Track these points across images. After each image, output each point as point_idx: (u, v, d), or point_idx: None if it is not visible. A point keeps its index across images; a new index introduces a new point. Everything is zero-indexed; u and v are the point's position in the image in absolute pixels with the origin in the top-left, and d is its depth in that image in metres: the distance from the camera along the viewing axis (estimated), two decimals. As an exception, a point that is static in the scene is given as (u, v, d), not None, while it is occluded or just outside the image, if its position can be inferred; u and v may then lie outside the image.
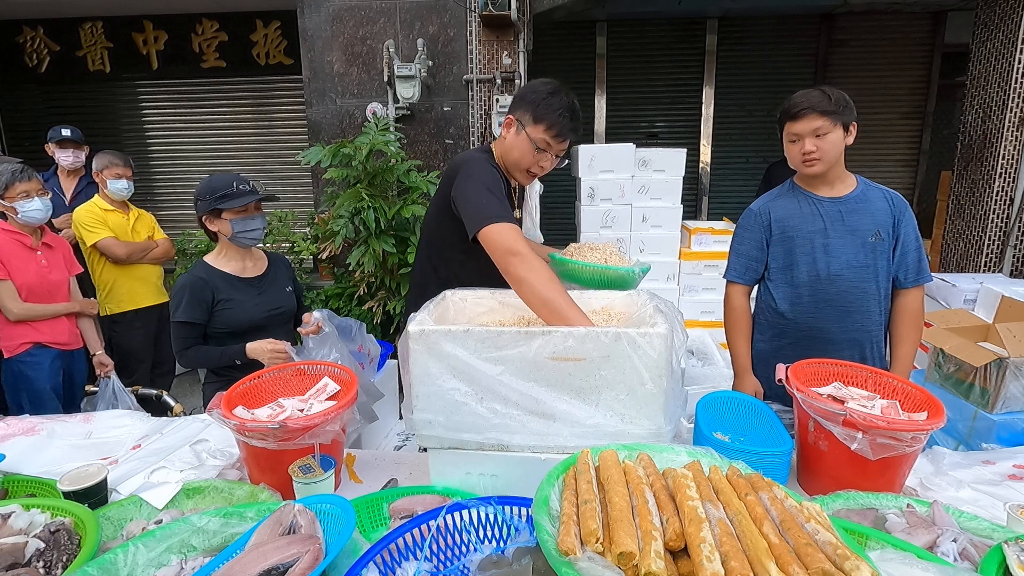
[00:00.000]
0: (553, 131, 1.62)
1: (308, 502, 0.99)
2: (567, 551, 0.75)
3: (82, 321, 2.65)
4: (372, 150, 3.40)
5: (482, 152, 1.78)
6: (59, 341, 2.54)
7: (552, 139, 1.63)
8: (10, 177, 2.36)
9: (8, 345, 2.44)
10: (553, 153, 1.67)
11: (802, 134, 1.66)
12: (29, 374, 2.46)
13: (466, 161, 1.67)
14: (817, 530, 0.77)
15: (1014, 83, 3.67)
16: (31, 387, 2.48)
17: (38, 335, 2.47)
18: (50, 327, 2.51)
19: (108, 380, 2.53)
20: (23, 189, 2.38)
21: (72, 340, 2.60)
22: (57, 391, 2.56)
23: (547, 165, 1.70)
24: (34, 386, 2.48)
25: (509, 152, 1.71)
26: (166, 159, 5.66)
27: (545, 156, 1.67)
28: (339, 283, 3.95)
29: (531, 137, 1.64)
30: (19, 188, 2.37)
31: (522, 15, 3.90)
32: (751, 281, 1.88)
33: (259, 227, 1.95)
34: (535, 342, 1.11)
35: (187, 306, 1.85)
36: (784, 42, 5.71)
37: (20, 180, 2.37)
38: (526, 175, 1.74)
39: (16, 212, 2.38)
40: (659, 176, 3.73)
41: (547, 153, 1.66)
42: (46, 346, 2.50)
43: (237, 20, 5.17)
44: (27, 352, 2.46)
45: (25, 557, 0.96)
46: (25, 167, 2.43)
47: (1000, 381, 2.29)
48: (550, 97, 1.61)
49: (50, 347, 2.51)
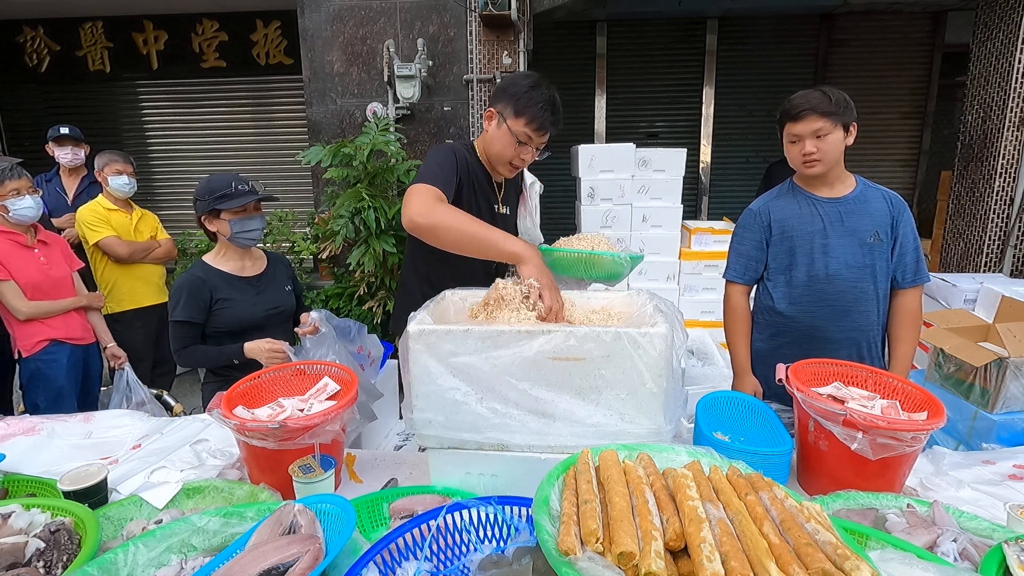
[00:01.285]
0: (534, 124, 1.63)
1: (308, 502, 0.99)
2: (567, 551, 0.75)
3: (91, 315, 2.66)
4: (372, 150, 3.40)
5: (459, 144, 1.81)
6: (74, 336, 2.54)
7: (533, 132, 1.65)
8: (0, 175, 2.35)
9: (25, 344, 2.44)
10: (534, 146, 1.68)
11: (802, 135, 1.67)
12: (47, 372, 2.46)
13: (431, 149, 1.73)
14: (817, 530, 0.77)
15: (1014, 83, 3.67)
16: (50, 384, 2.48)
17: (53, 332, 2.47)
18: (64, 323, 2.51)
19: (122, 372, 2.53)
20: (13, 187, 2.36)
21: (86, 334, 2.61)
22: (75, 387, 2.57)
23: (528, 158, 1.71)
24: (53, 383, 2.48)
25: (491, 145, 1.72)
26: (166, 159, 5.66)
27: (526, 149, 1.68)
28: (339, 283, 3.96)
29: (512, 130, 1.65)
30: (9, 186, 2.35)
31: (522, 15, 3.90)
32: (751, 281, 1.89)
33: (257, 227, 1.94)
34: (535, 342, 1.11)
35: (185, 305, 1.85)
36: (784, 42, 5.71)
37: (10, 178, 2.36)
38: (508, 167, 1.74)
39: (7, 211, 2.37)
40: (659, 176, 3.73)
41: (528, 146, 1.67)
42: (62, 342, 2.50)
43: (237, 20, 5.17)
44: (44, 350, 2.46)
45: (25, 557, 0.96)
46: (15, 165, 2.42)
47: (1000, 381, 2.29)
48: (531, 91, 1.62)
49: (66, 343, 2.51)
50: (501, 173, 1.80)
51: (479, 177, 1.77)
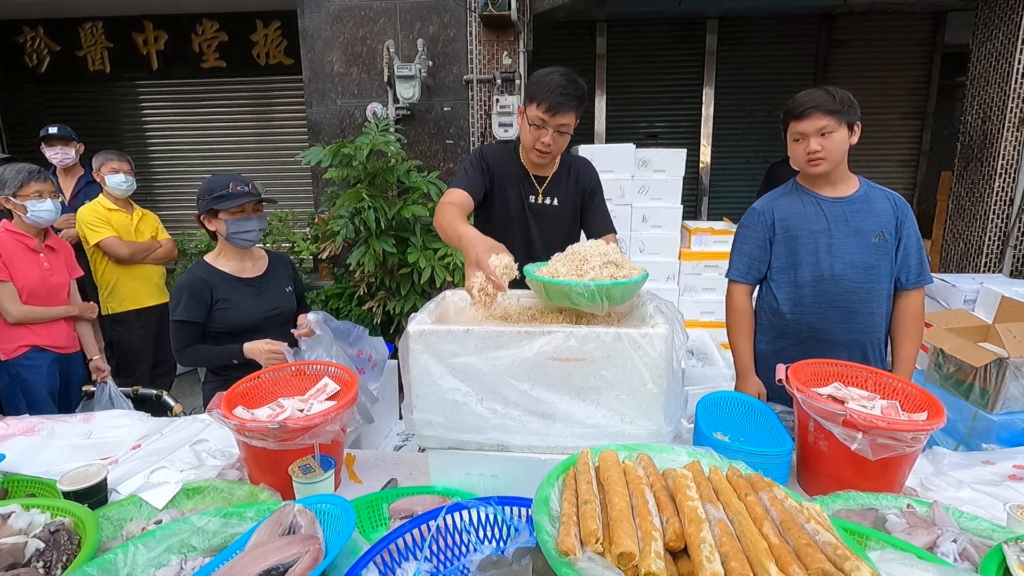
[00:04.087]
0: (544, 106, 1.70)
1: (308, 502, 0.99)
2: (567, 551, 0.75)
3: (80, 325, 2.65)
4: (372, 150, 3.40)
5: (502, 143, 2.05)
6: (56, 344, 2.53)
7: (544, 114, 1.71)
8: (27, 176, 2.41)
9: (5, 348, 2.43)
10: (551, 128, 1.74)
11: (807, 133, 1.66)
12: (26, 377, 2.46)
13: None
14: (817, 530, 0.77)
15: (1014, 83, 3.67)
16: (28, 390, 2.47)
17: (35, 338, 2.47)
18: (47, 330, 2.50)
19: (104, 385, 2.53)
20: (37, 189, 2.41)
21: (70, 343, 2.59)
22: (53, 394, 2.55)
23: (548, 140, 1.76)
24: (31, 389, 2.47)
25: (522, 139, 1.86)
26: (166, 159, 5.66)
27: (543, 132, 1.75)
28: (339, 283, 3.96)
29: (528, 117, 1.76)
30: (34, 187, 2.40)
31: (522, 15, 3.90)
32: (754, 280, 1.87)
33: (254, 228, 1.94)
34: (535, 342, 1.11)
35: (186, 305, 1.86)
36: (784, 42, 5.71)
37: (36, 180, 2.42)
38: (535, 154, 1.82)
39: (26, 211, 2.39)
40: (659, 176, 3.73)
41: (545, 129, 1.74)
42: (43, 349, 2.49)
43: (237, 20, 5.17)
44: (24, 355, 2.45)
45: (25, 557, 0.96)
46: (42, 169, 2.48)
47: (1000, 381, 2.29)
48: (543, 78, 1.71)
49: (47, 350, 2.50)
50: (533, 162, 1.89)
51: (511, 170, 1.91)
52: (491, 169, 1.88)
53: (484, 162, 1.87)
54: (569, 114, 1.72)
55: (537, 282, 1.30)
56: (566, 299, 1.24)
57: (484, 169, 1.86)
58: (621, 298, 1.26)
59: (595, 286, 1.18)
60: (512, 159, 1.92)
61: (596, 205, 2.01)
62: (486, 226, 1.92)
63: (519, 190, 1.91)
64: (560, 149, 1.82)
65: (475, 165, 1.86)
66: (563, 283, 1.22)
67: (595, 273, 1.26)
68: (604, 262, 1.29)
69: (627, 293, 1.27)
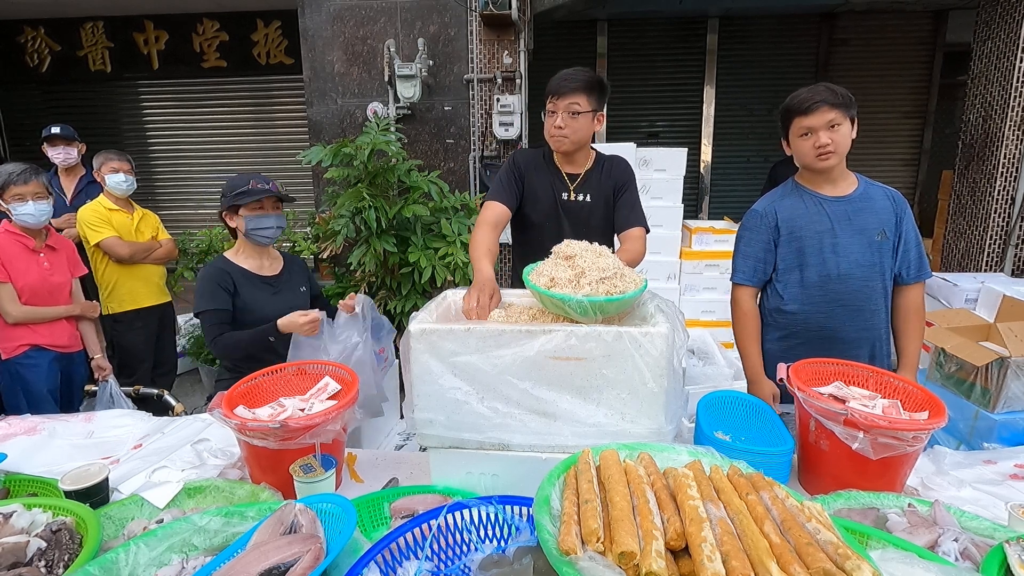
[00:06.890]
0: (549, 92, 1.85)
1: (309, 501, 0.99)
2: (568, 550, 0.75)
3: (83, 324, 2.64)
4: (373, 150, 3.40)
5: (536, 147, 2.14)
6: (58, 343, 2.52)
7: (549, 100, 1.85)
8: (6, 179, 2.33)
9: (5, 347, 2.42)
10: (560, 111, 1.83)
11: (816, 127, 1.65)
12: (26, 376, 2.45)
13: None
14: (818, 530, 0.77)
15: (1015, 82, 3.66)
16: (28, 389, 2.47)
17: (36, 337, 2.46)
18: (49, 329, 2.50)
19: (106, 384, 2.53)
20: (17, 192, 2.33)
21: (71, 342, 2.59)
22: (54, 393, 2.55)
23: (559, 123, 1.85)
24: (31, 388, 2.47)
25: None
26: (167, 159, 5.67)
27: (553, 117, 1.86)
28: (340, 283, 3.96)
29: (545, 111, 1.88)
30: (13, 191, 2.32)
31: (523, 14, 3.90)
32: (760, 283, 1.85)
33: (272, 225, 1.99)
34: (536, 341, 1.11)
35: (212, 294, 1.90)
36: (785, 41, 5.71)
37: (15, 183, 2.33)
38: (553, 141, 1.90)
39: (13, 213, 2.37)
40: (660, 175, 3.73)
41: (555, 114, 1.85)
42: (44, 348, 2.48)
43: (238, 20, 5.17)
44: (24, 354, 2.45)
45: (27, 556, 0.96)
46: (27, 169, 2.38)
47: (1001, 381, 2.29)
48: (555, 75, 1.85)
49: (48, 349, 2.50)
50: (556, 151, 1.95)
51: (543, 170, 1.99)
52: (523, 173, 1.97)
53: (516, 168, 1.96)
54: (575, 95, 1.80)
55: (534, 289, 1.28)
56: (560, 310, 1.23)
57: (517, 176, 1.95)
58: (616, 311, 1.26)
59: (588, 302, 1.16)
60: (544, 159, 2.01)
61: (625, 199, 1.98)
62: (521, 224, 2.04)
63: (551, 188, 1.97)
64: (577, 132, 1.86)
65: (508, 173, 1.95)
66: (558, 296, 1.20)
67: (591, 288, 1.24)
68: (600, 277, 1.26)
69: (622, 307, 1.26)
